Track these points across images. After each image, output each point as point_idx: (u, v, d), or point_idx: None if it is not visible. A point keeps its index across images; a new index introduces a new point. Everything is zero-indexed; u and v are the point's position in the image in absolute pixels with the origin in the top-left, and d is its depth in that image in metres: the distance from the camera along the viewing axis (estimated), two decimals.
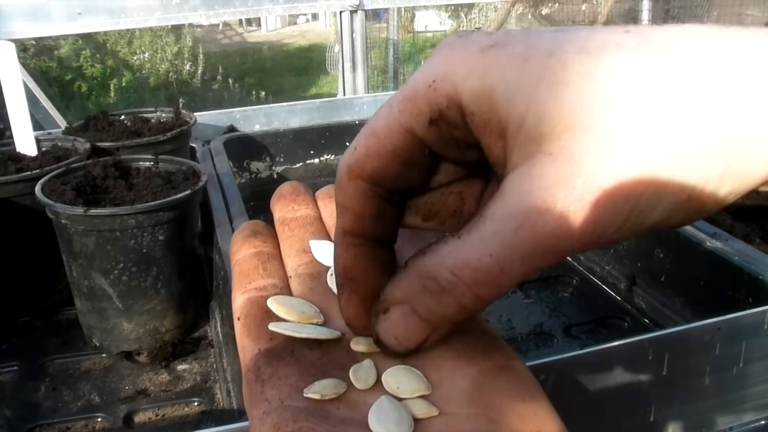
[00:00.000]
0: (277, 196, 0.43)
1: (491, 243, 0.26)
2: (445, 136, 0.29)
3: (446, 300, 0.28)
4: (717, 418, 0.66)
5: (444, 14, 7.77)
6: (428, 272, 0.28)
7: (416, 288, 0.29)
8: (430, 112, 0.29)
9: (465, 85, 0.27)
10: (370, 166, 0.31)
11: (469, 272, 0.27)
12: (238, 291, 0.37)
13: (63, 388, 0.86)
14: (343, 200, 0.32)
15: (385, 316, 0.31)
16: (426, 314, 0.29)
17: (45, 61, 6.08)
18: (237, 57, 7.96)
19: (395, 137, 0.30)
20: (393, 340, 0.31)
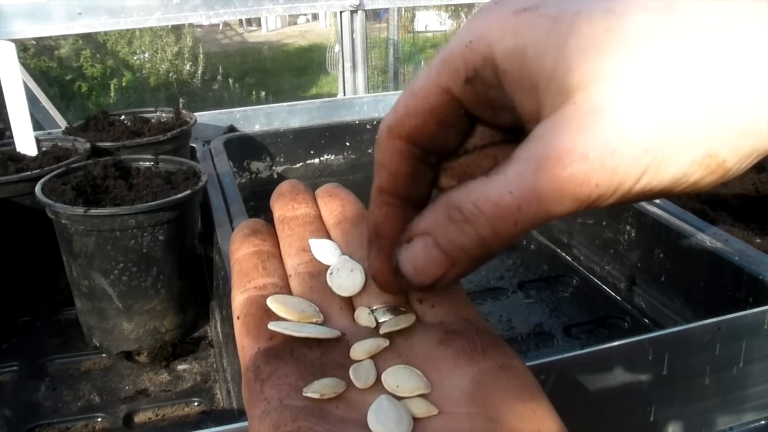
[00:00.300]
0: (277, 194, 0.43)
1: (513, 182, 0.27)
2: (480, 96, 0.31)
3: (467, 230, 0.29)
4: (717, 418, 0.66)
5: (444, 14, 7.78)
6: (454, 202, 0.29)
7: (441, 217, 0.30)
8: (466, 71, 0.30)
9: (499, 44, 0.29)
10: (408, 125, 0.32)
11: (490, 206, 0.28)
12: (237, 290, 0.37)
13: (63, 388, 0.86)
14: (380, 158, 0.33)
15: (408, 245, 0.32)
16: (447, 244, 0.30)
17: (45, 61, 6.08)
18: (237, 57, 7.96)
19: (433, 97, 0.31)
20: (411, 270, 0.32)
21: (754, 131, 0.25)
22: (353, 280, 0.38)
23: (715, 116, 0.25)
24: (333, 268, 0.38)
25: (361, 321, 0.36)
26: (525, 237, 1.19)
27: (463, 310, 0.36)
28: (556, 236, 1.15)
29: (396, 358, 0.33)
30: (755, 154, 0.26)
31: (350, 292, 0.37)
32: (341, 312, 0.36)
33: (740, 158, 0.26)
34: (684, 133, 0.25)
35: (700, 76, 0.25)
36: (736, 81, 0.25)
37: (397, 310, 0.36)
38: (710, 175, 0.26)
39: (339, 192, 0.43)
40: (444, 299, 0.37)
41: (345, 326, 0.35)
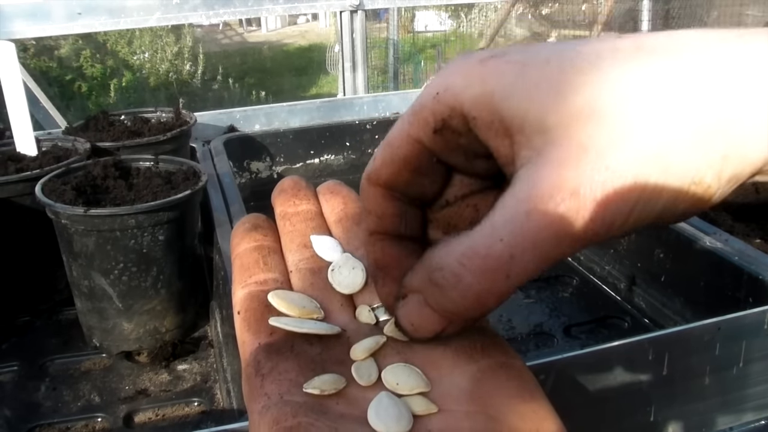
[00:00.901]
0: (279, 190, 0.43)
1: (502, 229, 0.27)
2: (451, 144, 0.31)
3: (452, 295, 0.28)
4: (717, 418, 0.66)
5: (444, 14, 7.78)
6: (436, 263, 0.29)
7: (425, 279, 0.30)
8: (434, 122, 0.30)
9: (465, 93, 0.29)
10: (384, 173, 0.33)
11: (479, 260, 0.27)
12: (238, 285, 0.37)
13: (63, 388, 0.86)
14: (365, 204, 0.34)
15: (403, 302, 0.32)
16: (435, 305, 0.30)
17: (45, 61, 6.08)
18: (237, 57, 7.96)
19: (405, 147, 0.32)
20: (410, 327, 0.32)
21: (734, 156, 0.26)
22: (354, 277, 0.38)
23: (696, 142, 0.25)
24: (334, 265, 0.38)
25: (362, 318, 0.36)
26: None
27: None
28: None
29: (396, 356, 0.33)
30: (736, 179, 0.27)
31: (351, 290, 0.37)
32: (342, 309, 0.36)
33: (723, 183, 0.26)
34: (670, 160, 0.25)
35: (678, 106, 0.25)
36: (711, 108, 0.25)
37: None
38: (697, 203, 0.27)
39: (341, 189, 0.43)
40: None
41: (345, 323, 0.35)
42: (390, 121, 1.41)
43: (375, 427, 0.29)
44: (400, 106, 1.50)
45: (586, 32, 4.98)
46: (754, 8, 4.30)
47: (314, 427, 0.28)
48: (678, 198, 0.26)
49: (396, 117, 1.42)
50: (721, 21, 4.32)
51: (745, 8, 4.31)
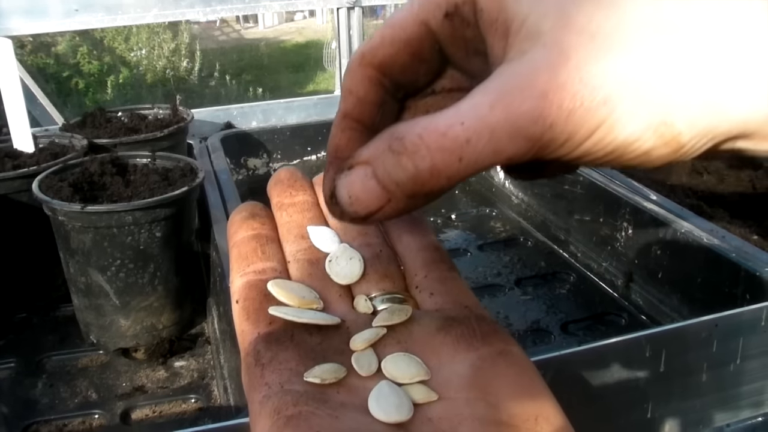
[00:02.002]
0: (275, 181, 0.43)
1: (465, 114, 0.27)
2: (457, 33, 0.31)
3: (405, 162, 0.28)
4: (714, 414, 0.66)
5: None
6: (398, 133, 0.28)
7: (382, 148, 0.29)
8: (447, 5, 0.30)
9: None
10: (382, 53, 0.33)
11: (436, 136, 0.27)
12: (236, 273, 0.37)
13: (60, 384, 0.86)
14: (349, 84, 0.34)
15: (348, 172, 0.30)
16: (383, 176, 0.29)
17: (42, 57, 6.07)
18: (234, 54, 7.95)
19: (410, 28, 0.32)
20: (346, 198, 0.30)
21: (714, 106, 0.25)
22: (352, 268, 0.38)
23: (678, 82, 0.25)
24: (332, 255, 0.38)
25: (360, 308, 0.36)
26: (522, 233, 1.19)
27: (462, 298, 0.36)
28: (553, 233, 1.15)
29: (396, 345, 0.33)
30: (711, 134, 0.26)
31: (349, 280, 0.37)
32: (340, 299, 0.36)
33: (696, 134, 0.26)
34: (645, 92, 0.25)
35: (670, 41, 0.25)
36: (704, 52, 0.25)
37: (395, 298, 0.36)
38: (663, 147, 0.26)
39: None
40: (443, 286, 0.37)
41: (344, 313, 0.35)
42: None
43: (376, 416, 0.29)
44: None
45: None
46: None
47: (315, 415, 0.28)
48: (643, 135, 0.26)
49: None
50: None
51: None
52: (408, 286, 0.38)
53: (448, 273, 0.38)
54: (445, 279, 0.37)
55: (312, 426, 0.27)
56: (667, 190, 1.10)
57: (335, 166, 0.33)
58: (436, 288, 0.37)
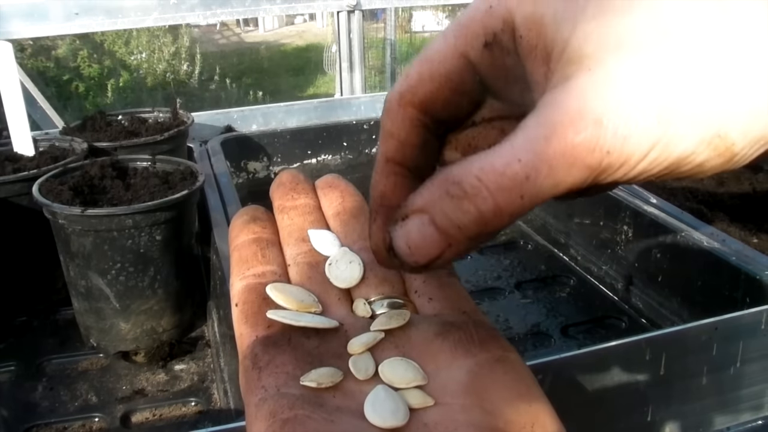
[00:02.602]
0: (277, 184, 0.43)
1: (521, 149, 0.26)
2: (497, 62, 0.30)
3: (466, 206, 0.27)
4: (714, 418, 0.66)
5: (441, 14, 7.78)
6: (453, 177, 0.28)
7: (438, 193, 0.28)
8: (485, 35, 0.30)
9: (519, 9, 0.28)
10: (422, 92, 0.32)
11: (495, 176, 0.26)
12: (236, 277, 0.37)
13: (60, 388, 0.86)
14: (390, 126, 0.33)
15: (403, 223, 0.30)
16: (443, 222, 0.28)
17: (42, 61, 6.08)
18: (234, 57, 7.96)
19: (449, 62, 0.31)
20: (406, 249, 0.30)
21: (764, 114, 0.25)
22: (351, 271, 0.38)
23: (728, 92, 0.24)
24: (332, 259, 0.38)
25: (359, 312, 0.36)
26: (522, 237, 1.19)
27: (460, 303, 0.36)
28: (554, 236, 1.15)
29: (393, 349, 0.33)
30: (763, 140, 0.26)
31: (348, 284, 0.37)
32: (339, 303, 0.36)
33: (749, 143, 0.25)
34: (697, 107, 0.25)
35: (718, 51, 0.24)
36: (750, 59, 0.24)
37: (394, 303, 0.36)
38: (717, 158, 0.26)
39: (338, 183, 0.44)
40: (442, 292, 0.37)
41: (343, 317, 0.35)
42: None
43: (371, 420, 0.29)
44: None
45: None
46: None
47: (311, 419, 0.28)
48: (698, 148, 0.25)
49: None
50: None
51: None
52: (407, 291, 0.38)
53: (447, 278, 0.38)
54: (444, 284, 0.37)
55: (307, 429, 0.28)
56: (667, 194, 1.10)
57: (383, 215, 0.33)
58: (435, 293, 0.37)
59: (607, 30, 0.26)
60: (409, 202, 0.30)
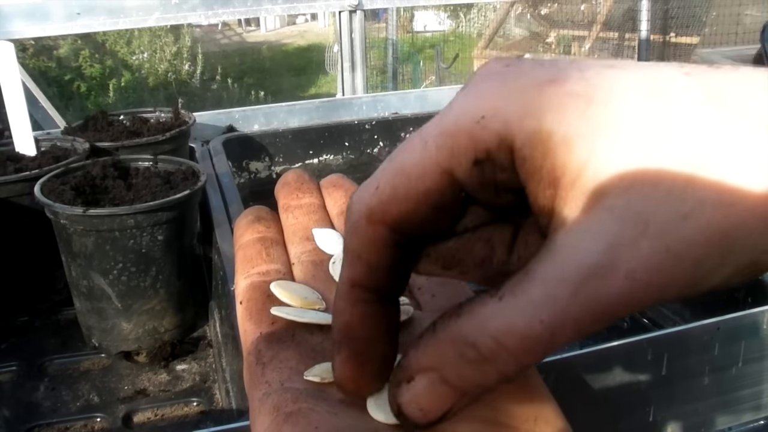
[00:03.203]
0: (282, 183, 0.43)
1: (543, 307, 0.23)
2: (487, 180, 0.26)
3: (486, 369, 0.25)
4: (716, 418, 0.66)
5: (443, 14, 7.78)
6: (466, 338, 0.25)
7: (450, 355, 0.25)
8: (476, 152, 0.25)
9: (520, 125, 0.24)
10: (396, 210, 0.27)
11: (516, 340, 0.24)
12: (241, 275, 0.37)
13: (62, 388, 0.86)
14: (356, 247, 0.28)
15: (409, 385, 0.27)
16: (459, 382, 0.26)
17: (44, 61, 6.08)
18: (236, 57, 7.96)
19: (430, 178, 0.26)
20: (418, 413, 0.27)
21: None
22: None
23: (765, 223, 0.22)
24: (336, 257, 0.39)
25: None
26: None
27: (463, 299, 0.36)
28: None
29: None
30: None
31: None
32: None
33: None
34: (734, 243, 0.22)
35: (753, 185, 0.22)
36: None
37: None
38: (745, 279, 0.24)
39: (343, 183, 0.44)
40: (444, 288, 0.37)
41: None
42: (389, 122, 1.41)
43: (375, 417, 0.29)
44: (399, 106, 1.50)
45: (585, 32, 4.98)
46: (753, 9, 4.30)
47: (314, 412, 0.28)
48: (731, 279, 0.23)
49: (396, 117, 1.42)
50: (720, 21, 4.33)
51: (743, 8, 4.31)
52: (410, 287, 0.38)
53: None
54: (447, 281, 0.37)
55: (311, 422, 0.28)
56: None
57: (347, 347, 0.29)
58: (438, 289, 0.37)
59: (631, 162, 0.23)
60: (413, 362, 0.27)
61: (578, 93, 0.24)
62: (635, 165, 0.22)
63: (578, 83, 0.24)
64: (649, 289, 0.22)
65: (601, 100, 0.23)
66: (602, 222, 0.23)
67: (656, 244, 0.22)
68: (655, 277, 0.22)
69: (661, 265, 0.22)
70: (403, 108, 1.49)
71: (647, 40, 2.92)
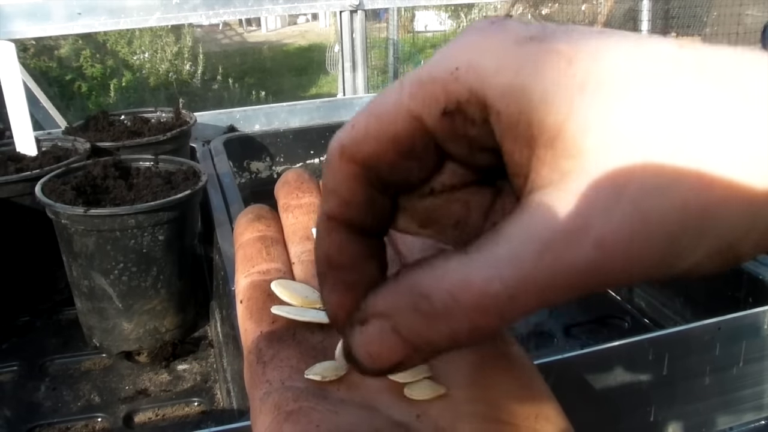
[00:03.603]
0: (282, 182, 0.43)
1: (505, 266, 0.22)
2: (458, 132, 0.26)
3: (437, 325, 0.24)
4: (717, 418, 0.66)
5: (444, 14, 7.78)
6: (422, 289, 0.24)
7: (404, 304, 0.25)
8: (446, 102, 0.25)
9: (494, 79, 0.23)
10: (366, 150, 0.27)
11: (472, 296, 0.23)
12: (241, 274, 0.37)
13: (63, 388, 0.86)
14: (331, 182, 0.28)
15: (363, 328, 0.26)
16: (409, 335, 0.25)
17: (45, 61, 6.08)
18: (237, 57, 7.96)
19: (400, 123, 0.26)
20: (366, 357, 0.26)
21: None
22: None
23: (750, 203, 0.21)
24: None
25: None
26: None
27: None
28: None
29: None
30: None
31: None
32: None
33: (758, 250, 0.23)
34: (713, 221, 0.21)
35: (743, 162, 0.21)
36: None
37: None
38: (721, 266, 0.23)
39: None
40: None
41: None
42: None
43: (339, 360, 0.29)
44: None
45: None
46: (754, 8, 4.30)
47: (315, 411, 0.28)
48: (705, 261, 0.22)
49: None
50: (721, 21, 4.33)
51: (744, 8, 4.31)
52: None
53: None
54: None
55: (312, 421, 0.28)
56: None
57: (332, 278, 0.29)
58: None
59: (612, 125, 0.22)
60: (370, 305, 0.26)
61: (560, 51, 0.23)
62: (615, 130, 0.21)
63: (561, 42, 0.23)
64: (616, 260, 0.21)
65: (583, 60, 0.22)
66: (577, 185, 0.22)
67: (629, 212, 0.21)
68: (625, 248, 0.21)
69: (632, 236, 0.21)
70: None
71: None
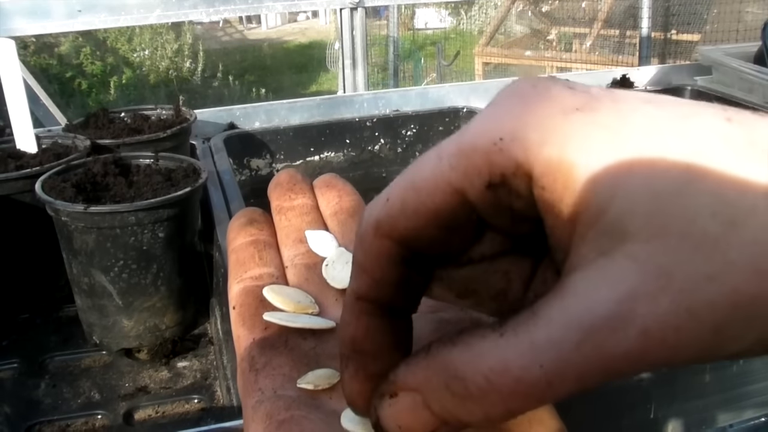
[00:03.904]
0: (274, 184, 0.43)
1: (544, 352, 0.21)
2: (502, 204, 0.24)
3: (471, 407, 0.23)
4: (717, 415, 0.66)
5: (444, 11, 7.77)
6: (456, 370, 0.23)
7: (437, 383, 0.24)
8: (491, 176, 0.23)
9: (540, 152, 0.23)
10: (403, 225, 0.25)
11: (509, 381, 0.22)
12: (233, 279, 0.37)
13: (63, 385, 0.86)
14: (362, 259, 0.27)
15: (393, 400, 0.25)
16: (441, 412, 0.24)
17: (45, 58, 6.08)
18: (237, 54, 7.95)
19: (440, 196, 0.24)
20: (396, 429, 0.25)
21: None
22: (348, 272, 0.38)
23: None
24: (329, 260, 0.38)
25: None
26: None
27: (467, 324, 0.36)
28: None
29: None
30: None
31: (345, 285, 0.37)
32: (336, 303, 0.36)
33: None
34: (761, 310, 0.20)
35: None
36: None
37: None
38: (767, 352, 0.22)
39: (336, 182, 0.43)
40: None
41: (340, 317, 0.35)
42: (390, 119, 1.41)
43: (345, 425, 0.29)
44: (400, 103, 1.50)
45: (586, 29, 4.98)
46: (754, 6, 4.29)
47: (307, 420, 0.28)
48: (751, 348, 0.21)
49: (397, 114, 1.42)
50: (721, 19, 4.32)
51: (744, 6, 4.30)
52: None
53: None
54: None
55: (303, 430, 0.28)
56: None
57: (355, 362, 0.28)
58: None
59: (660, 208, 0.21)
60: (400, 378, 0.25)
61: (608, 125, 0.22)
62: (664, 212, 0.21)
63: (609, 115, 0.22)
64: (662, 349, 0.20)
65: (633, 137, 0.22)
66: (621, 269, 0.21)
67: (677, 302, 0.20)
68: (671, 338, 0.20)
69: (679, 326, 0.20)
70: (404, 105, 1.49)
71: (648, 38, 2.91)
